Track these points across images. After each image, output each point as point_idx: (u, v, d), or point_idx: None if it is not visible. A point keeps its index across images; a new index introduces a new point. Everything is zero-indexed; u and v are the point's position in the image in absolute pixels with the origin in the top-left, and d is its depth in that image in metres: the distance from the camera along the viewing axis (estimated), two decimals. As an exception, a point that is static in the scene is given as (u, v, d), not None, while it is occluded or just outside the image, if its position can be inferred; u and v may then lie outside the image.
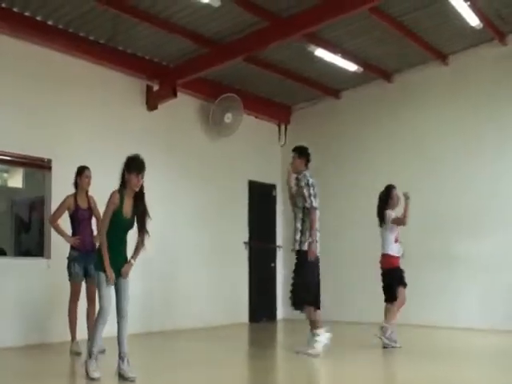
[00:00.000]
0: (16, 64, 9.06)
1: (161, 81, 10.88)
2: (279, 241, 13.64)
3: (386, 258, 8.59)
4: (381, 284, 8.62)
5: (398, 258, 8.58)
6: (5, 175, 13.47)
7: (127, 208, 6.12)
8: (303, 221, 7.62)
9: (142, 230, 6.15)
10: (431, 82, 11.55)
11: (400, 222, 8.49)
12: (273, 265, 13.49)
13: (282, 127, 13.87)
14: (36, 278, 8.99)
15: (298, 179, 7.94)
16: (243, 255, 12.67)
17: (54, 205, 9.22)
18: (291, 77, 11.95)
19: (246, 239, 12.69)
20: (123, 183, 6.15)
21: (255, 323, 12.39)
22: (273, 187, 13.69)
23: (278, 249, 13.59)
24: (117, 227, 6.06)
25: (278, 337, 11.38)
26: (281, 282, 13.53)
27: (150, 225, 6.21)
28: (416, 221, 11.03)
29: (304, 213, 7.65)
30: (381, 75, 12.02)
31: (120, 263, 6.12)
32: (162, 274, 10.64)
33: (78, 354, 7.67)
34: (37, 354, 8.22)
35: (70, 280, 8.01)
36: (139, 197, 6.19)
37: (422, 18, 9.80)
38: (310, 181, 7.76)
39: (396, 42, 10.63)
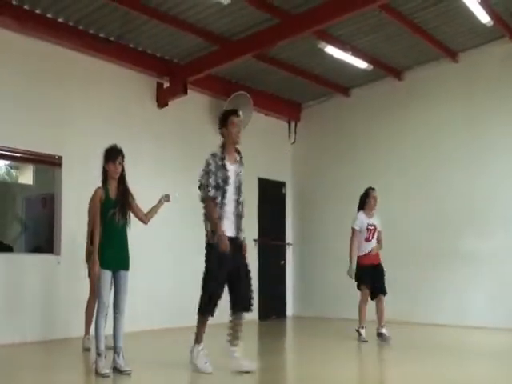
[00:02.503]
0: (26, 61, 9.10)
1: (171, 78, 10.90)
2: (289, 238, 13.65)
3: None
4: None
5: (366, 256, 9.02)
6: (15, 172, 13.54)
7: (113, 193, 6.30)
8: None
9: (127, 208, 6.33)
10: (442, 79, 11.50)
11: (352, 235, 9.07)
12: (283, 262, 13.50)
13: (292, 124, 13.89)
14: (47, 275, 9.04)
15: (241, 158, 6.69)
16: (253, 253, 12.66)
17: (65, 201, 9.30)
18: (301, 74, 11.94)
19: (256, 237, 12.69)
20: (105, 175, 6.32)
21: (264, 321, 12.39)
22: (282, 185, 13.69)
23: (287, 246, 13.60)
24: (109, 216, 6.20)
25: (288, 335, 11.37)
26: (291, 279, 13.56)
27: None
28: (425, 217, 11.09)
29: None
30: (391, 73, 11.99)
31: (120, 258, 6.21)
32: (168, 271, 10.65)
33: (88, 349, 7.71)
34: (49, 349, 8.27)
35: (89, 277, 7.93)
36: (121, 180, 6.36)
37: (432, 16, 9.76)
38: None
39: (406, 40, 10.60)
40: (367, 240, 9.00)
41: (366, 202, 9.11)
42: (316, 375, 6.22)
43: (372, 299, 8.91)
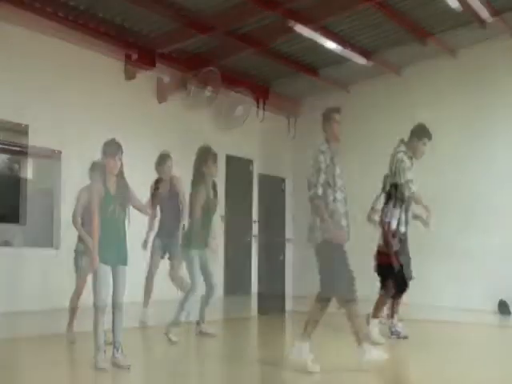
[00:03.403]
0: (26, 56, 9.12)
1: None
2: (288, 234, 13.64)
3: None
4: None
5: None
6: (15, 166, 13.55)
7: (112, 188, 6.19)
8: None
9: (126, 202, 6.24)
10: (441, 75, 11.51)
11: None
12: (281, 258, 13.50)
13: (292, 120, 13.85)
14: (45, 268, 9.07)
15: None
16: (252, 248, 12.69)
17: (63, 195, 9.30)
18: (301, 70, 11.95)
19: (255, 232, 12.69)
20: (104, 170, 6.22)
21: (264, 315, 12.37)
22: (282, 181, 13.68)
23: (286, 242, 13.60)
24: (108, 211, 6.15)
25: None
26: (290, 274, 13.55)
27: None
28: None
29: None
30: (390, 69, 12.00)
31: (119, 253, 6.18)
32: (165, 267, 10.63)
33: (73, 342, 7.68)
34: (48, 344, 8.26)
35: (76, 273, 7.85)
36: (119, 174, 6.22)
37: (431, 13, 9.81)
38: None
39: (406, 37, 10.62)
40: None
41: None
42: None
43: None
